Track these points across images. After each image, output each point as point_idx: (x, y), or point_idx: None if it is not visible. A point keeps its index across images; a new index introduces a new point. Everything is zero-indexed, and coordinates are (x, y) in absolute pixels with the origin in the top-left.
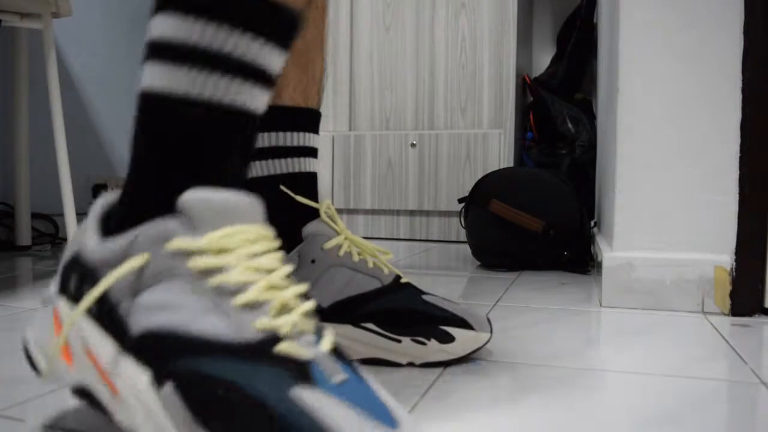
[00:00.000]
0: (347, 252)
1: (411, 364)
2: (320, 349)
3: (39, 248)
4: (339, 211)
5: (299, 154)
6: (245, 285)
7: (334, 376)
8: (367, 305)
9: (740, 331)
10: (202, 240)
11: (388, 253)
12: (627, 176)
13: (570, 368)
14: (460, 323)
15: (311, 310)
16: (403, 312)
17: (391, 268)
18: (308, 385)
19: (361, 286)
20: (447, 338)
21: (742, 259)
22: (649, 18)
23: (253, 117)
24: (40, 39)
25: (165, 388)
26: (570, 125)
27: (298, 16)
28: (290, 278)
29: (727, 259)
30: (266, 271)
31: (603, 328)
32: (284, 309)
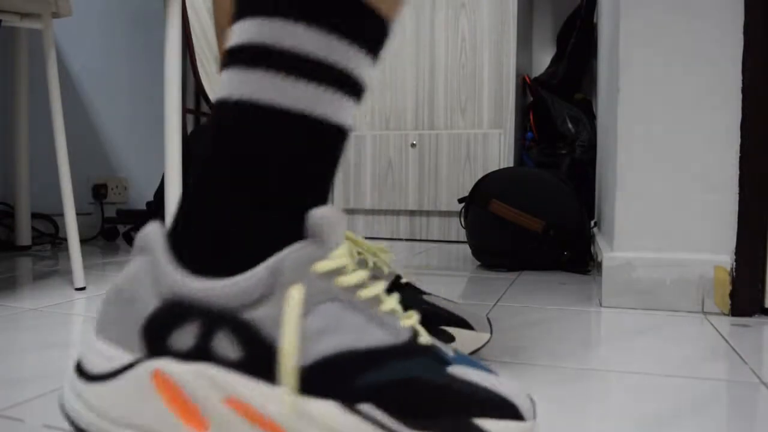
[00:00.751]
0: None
1: None
2: (426, 334)
3: (39, 248)
4: None
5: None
6: (377, 292)
7: (448, 352)
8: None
9: (740, 331)
10: (337, 259)
11: (389, 252)
12: (627, 176)
13: (570, 368)
14: (459, 323)
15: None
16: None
17: (391, 268)
18: (447, 363)
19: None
20: (446, 338)
21: (742, 259)
22: (649, 18)
23: (348, 131)
24: (40, 39)
25: (362, 407)
26: (570, 125)
27: (391, 22)
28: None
29: (727, 259)
30: (371, 276)
31: (603, 328)
32: (397, 306)
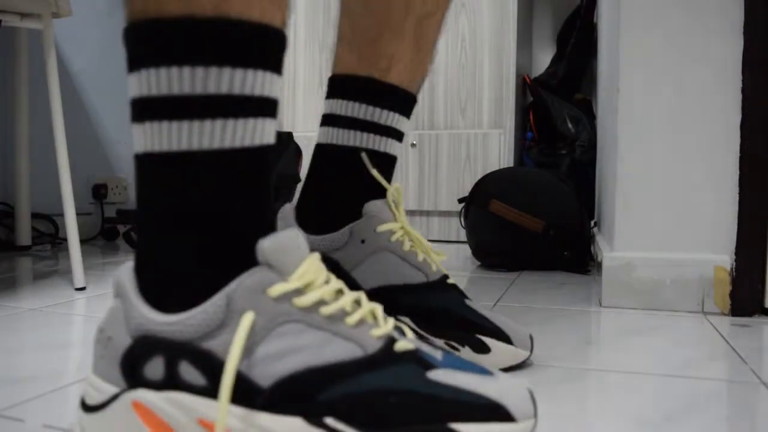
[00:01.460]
0: (399, 240)
1: None
2: (412, 337)
3: (39, 248)
4: None
5: (388, 134)
6: (344, 307)
7: (435, 354)
8: (407, 297)
9: (740, 331)
10: (296, 280)
11: (442, 255)
12: (627, 176)
13: (570, 368)
14: (497, 335)
15: (382, 309)
16: (441, 312)
17: (440, 267)
18: (431, 368)
19: (406, 276)
20: (482, 348)
21: (742, 259)
22: (650, 18)
23: (272, 148)
24: (40, 39)
25: (326, 421)
26: (570, 125)
27: (283, 32)
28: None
29: (727, 259)
30: (342, 291)
31: (603, 328)
32: (374, 316)
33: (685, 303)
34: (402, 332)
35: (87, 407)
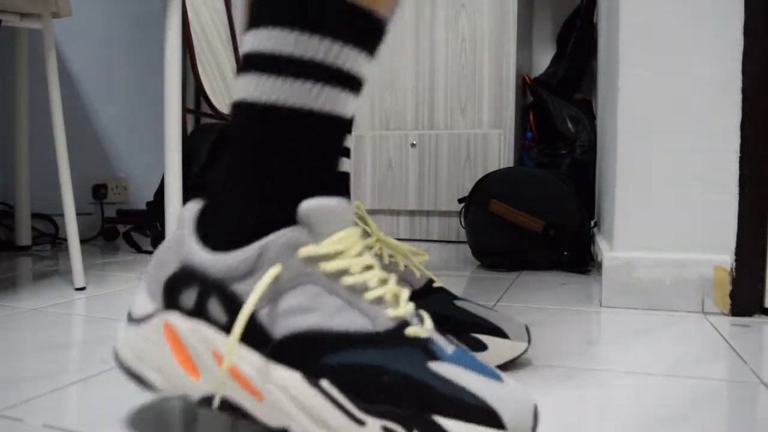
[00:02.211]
0: (378, 254)
1: None
2: (428, 327)
3: (39, 248)
4: None
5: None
6: (366, 282)
7: (447, 348)
8: None
9: (740, 331)
10: (327, 245)
11: (423, 255)
12: (627, 176)
13: (570, 368)
14: (492, 331)
15: (407, 295)
16: (433, 317)
17: (423, 272)
18: (436, 359)
19: None
20: (479, 346)
21: (742, 259)
22: (649, 18)
23: (349, 122)
24: (40, 39)
25: (322, 383)
26: (570, 125)
27: (386, 22)
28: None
29: (727, 259)
30: (371, 267)
31: (603, 328)
32: (396, 298)
33: (685, 303)
34: (421, 320)
35: (132, 318)
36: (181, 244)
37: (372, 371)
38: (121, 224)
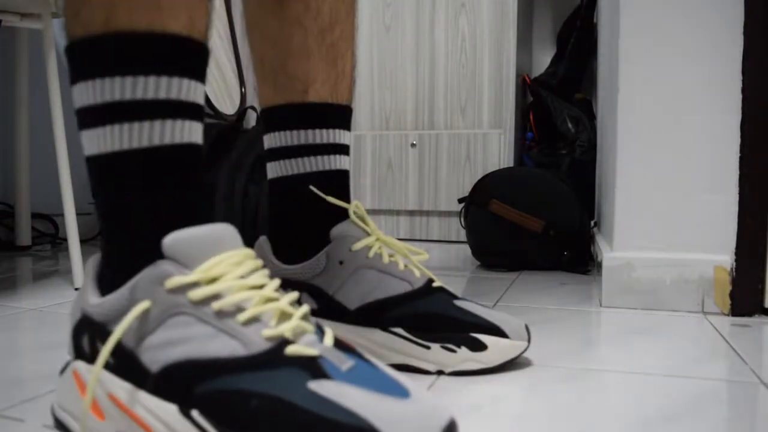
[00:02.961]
0: (377, 253)
1: (440, 372)
2: (324, 344)
3: (39, 248)
4: None
5: (329, 151)
6: (242, 303)
7: (342, 365)
8: (396, 309)
9: (740, 331)
10: (194, 273)
11: (423, 254)
12: (627, 176)
13: (570, 368)
14: (492, 330)
15: (307, 313)
16: (433, 317)
17: (423, 271)
18: (323, 378)
19: (391, 289)
20: (478, 346)
21: (742, 259)
22: (649, 18)
23: (197, 147)
24: (40, 39)
25: (192, 413)
26: (570, 125)
27: (205, 45)
28: (280, 290)
29: (727, 259)
30: (258, 287)
31: (603, 328)
32: (284, 316)
33: (685, 303)
34: (322, 336)
35: (61, 370)
36: (84, 292)
37: (239, 397)
38: None
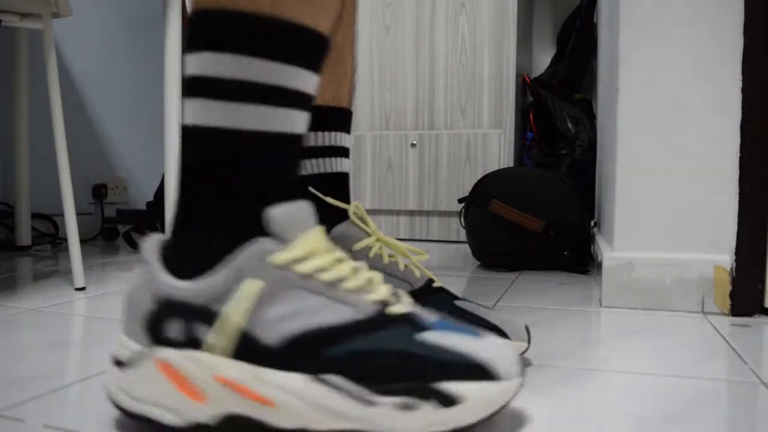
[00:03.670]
0: (377, 254)
1: None
2: (407, 302)
3: (39, 248)
4: None
5: (329, 154)
6: (342, 274)
7: (429, 317)
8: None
9: (740, 331)
10: (297, 248)
11: (423, 254)
12: (627, 176)
13: (570, 368)
14: (492, 331)
15: (381, 278)
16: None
17: (423, 271)
18: (423, 330)
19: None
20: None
21: (742, 259)
22: (649, 18)
23: (299, 136)
24: (40, 39)
25: (327, 377)
26: (570, 125)
27: (327, 39)
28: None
29: (727, 259)
30: (342, 260)
31: (603, 328)
32: (370, 283)
33: (685, 303)
34: (398, 298)
35: (118, 363)
36: (151, 281)
37: (369, 355)
38: (121, 224)
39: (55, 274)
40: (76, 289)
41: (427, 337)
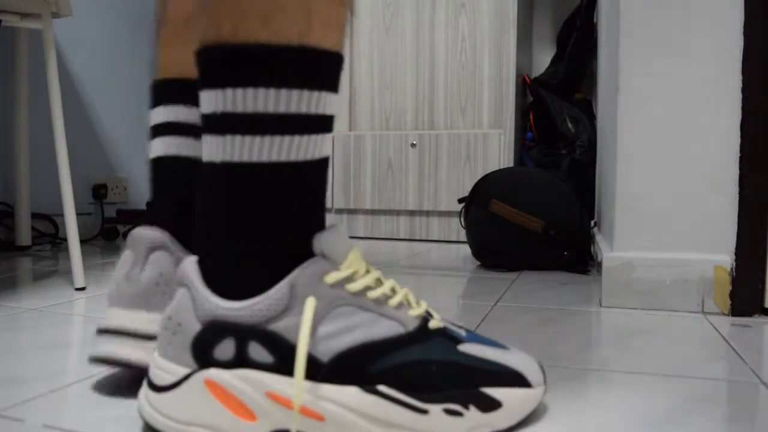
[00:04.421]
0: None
1: None
2: (439, 318)
3: (39, 248)
4: (339, 212)
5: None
6: (386, 292)
7: (460, 331)
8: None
9: (740, 331)
10: (346, 269)
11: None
12: (627, 176)
13: (570, 368)
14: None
15: (413, 295)
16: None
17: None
18: (460, 342)
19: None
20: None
21: (742, 259)
22: (649, 18)
23: (328, 158)
24: (40, 39)
25: (379, 388)
26: (570, 125)
27: (343, 57)
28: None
29: (727, 259)
30: (381, 280)
31: (603, 328)
32: (407, 299)
33: (685, 303)
34: (430, 314)
35: (156, 388)
36: (195, 302)
37: (419, 366)
38: (121, 224)
39: (55, 274)
40: (76, 289)
41: (465, 348)
